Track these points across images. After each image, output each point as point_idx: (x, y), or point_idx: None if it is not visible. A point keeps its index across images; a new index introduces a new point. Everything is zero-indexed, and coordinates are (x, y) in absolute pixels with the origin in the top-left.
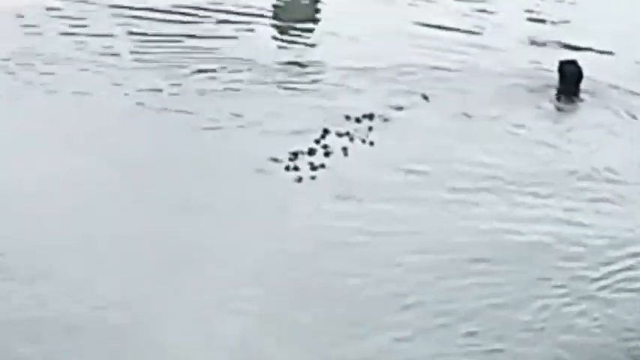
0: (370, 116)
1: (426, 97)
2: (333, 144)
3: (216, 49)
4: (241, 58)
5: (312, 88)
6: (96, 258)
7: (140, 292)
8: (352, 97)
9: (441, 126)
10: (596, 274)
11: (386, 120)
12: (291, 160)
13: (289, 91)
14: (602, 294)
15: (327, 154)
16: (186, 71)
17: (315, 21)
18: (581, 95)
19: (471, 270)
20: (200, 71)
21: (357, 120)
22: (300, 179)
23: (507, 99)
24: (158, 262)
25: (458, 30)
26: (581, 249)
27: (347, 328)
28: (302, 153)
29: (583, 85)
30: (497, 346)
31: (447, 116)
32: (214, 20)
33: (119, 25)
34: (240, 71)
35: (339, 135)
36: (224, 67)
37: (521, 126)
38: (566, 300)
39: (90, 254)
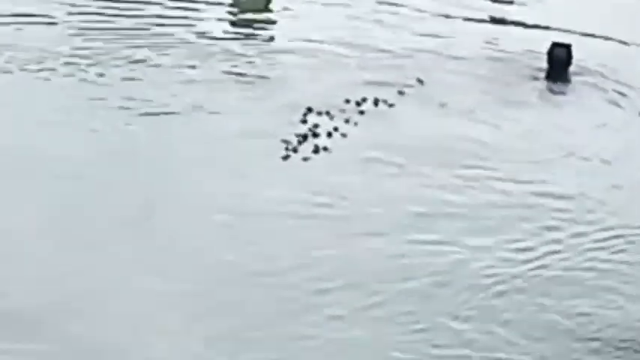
0: (375, 102)
1: (421, 81)
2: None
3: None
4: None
5: (286, 74)
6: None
7: None
8: (331, 83)
9: (431, 109)
10: None
11: (391, 105)
12: (300, 142)
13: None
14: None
15: (329, 135)
16: (137, 58)
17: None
18: (571, 79)
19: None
20: (150, 59)
21: (357, 103)
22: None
23: (494, 83)
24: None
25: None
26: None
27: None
28: (310, 135)
29: (573, 68)
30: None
31: (436, 102)
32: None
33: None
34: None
35: (319, 114)
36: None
37: (507, 109)
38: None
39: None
